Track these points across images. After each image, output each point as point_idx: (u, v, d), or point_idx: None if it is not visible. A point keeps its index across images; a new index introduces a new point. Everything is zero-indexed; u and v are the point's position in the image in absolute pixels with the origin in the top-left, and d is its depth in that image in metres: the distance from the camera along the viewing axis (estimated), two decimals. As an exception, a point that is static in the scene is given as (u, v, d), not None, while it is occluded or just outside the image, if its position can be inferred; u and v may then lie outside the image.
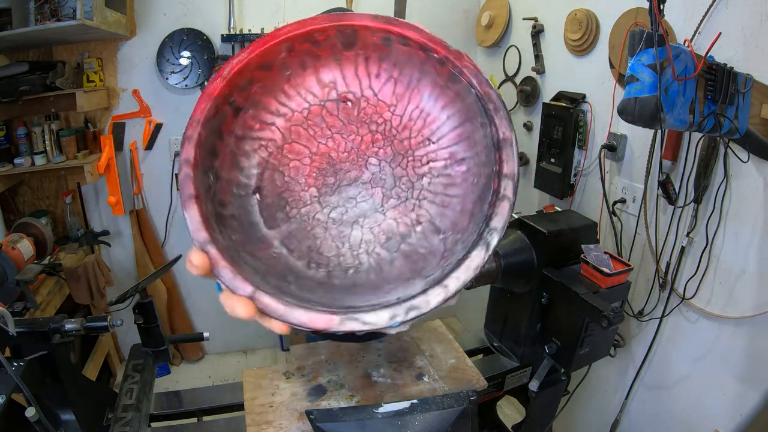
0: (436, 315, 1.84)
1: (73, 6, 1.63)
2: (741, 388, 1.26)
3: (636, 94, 0.81)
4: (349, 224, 0.48)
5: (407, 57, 0.48)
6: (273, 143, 0.49)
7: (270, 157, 0.49)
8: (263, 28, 2.18)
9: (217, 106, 0.44)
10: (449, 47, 0.45)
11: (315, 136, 0.50)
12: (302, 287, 0.43)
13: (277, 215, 0.48)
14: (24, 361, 0.78)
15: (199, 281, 2.54)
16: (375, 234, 0.48)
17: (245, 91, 0.47)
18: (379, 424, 0.80)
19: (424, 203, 0.48)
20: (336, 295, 0.43)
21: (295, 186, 0.49)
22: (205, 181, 0.43)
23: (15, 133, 1.92)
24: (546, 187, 1.92)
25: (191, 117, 0.43)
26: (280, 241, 0.47)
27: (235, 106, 0.47)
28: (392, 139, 0.50)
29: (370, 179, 0.50)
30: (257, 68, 0.46)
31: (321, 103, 0.50)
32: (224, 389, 1.10)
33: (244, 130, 0.47)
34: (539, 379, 1.15)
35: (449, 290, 0.38)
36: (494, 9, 2.27)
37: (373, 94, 0.50)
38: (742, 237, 1.23)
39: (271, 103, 0.49)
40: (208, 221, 0.41)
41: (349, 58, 0.49)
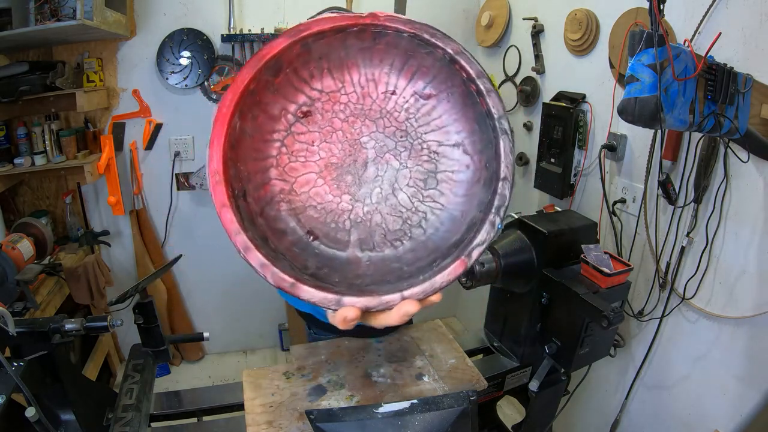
0: (437, 314, 1.84)
1: (73, 6, 1.63)
2: (741, 388, 1.26)
3: (636, 94, 0.81)
4: (391, 194, 0.52)
5: (327, 46, 0.50)
6: (283, 192, 0.51)
7: (292, 204, 0.51)
8: (263, 28, 2.18)
9: (237, 206, 0.45)
10: (361, 15, 0.48)
11: (307, 159, 0.52)
12: (406, 261, 0.50)
13: (339, 237, 0.51)
14: (24, 361, 0.78)
15: (199, 281, 2.55)
16: (415, 184, 0.52)
17: (237, 178, 0.47)
18: (379, 424, 0.80)
19: (426, 136, 0.52)
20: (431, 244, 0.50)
21: (330, 206, 0.52)
22: (283, 266, 0.44)
23: (15, 133, 1.92)
24: (546, 187, 1.92)
25: (234, 228, 0.43)
26: (360, 250, 0.51)
27: (241, 194, 0.47)
28: (364, 114, 0.53)
29: (376, 153, 0.53)
30: (230, 149, 0.46)
31: (288, 132, 0.52)
32: (224, 389, 1.10)
33: (260, 206, 0.49)
34: (539, 379, 1.15)
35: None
36: (494, 9, 2.27)
37: (319, 92, 0.53)
38: (742, 237, 1.23)
39: (256, 167, 0.50)
40: (322, 288, 0.44)
41: (282, 81, 0.50)
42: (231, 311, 2.68)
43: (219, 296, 2.61)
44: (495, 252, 1.12)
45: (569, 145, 1.76)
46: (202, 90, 2.26)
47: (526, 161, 2.19)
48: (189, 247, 2.40)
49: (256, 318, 2.73)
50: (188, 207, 2.44)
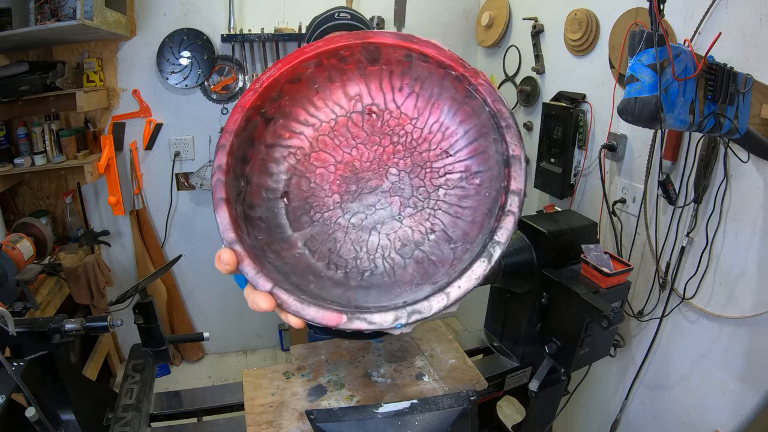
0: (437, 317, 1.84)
1: (73, 6, 1.63)
2: (741, 388, 1.26)
3: (636, 94, 0.81)
4: (368, 230, 0.51)
5: (428, 73, 0.50)
6: (301, 151, 0.52)
7: (298, 164, 0.52)
8: (263, 28, 2.18)
9: (248, 117, 0.48)
10: (466, 65, 0.48)
11: (340, 145, 0.53)
12: (321, 286, 0.46)
13: (302, 218, 0.51)
14: (24, 361, 0.78)
15: (199, 281, 2.55)
16: (391, 240, 0.50)
17: (276, 102, 0.50)
18: (379, 424, 0.80)
19: (439, 213, 0.50)
20: (351, 295, 0.46)
21: (319, 192, 0.52)
22: (236, 186, 0.46)
23: (15, 133, 1.92)
24: (546, 187, 1.92)
25: (225, 127, 0.47)
26: (303, 243, 0.50)
27: (267, 117, 0.50)
28: (412, 151, 0.52)
29: (390, 188, 0.52)
30: (287, 82, 0.50)
31: (347, 114, 0.53)
32: (224, 389, 1.10)
33: (274, 139, 0.51)
34: (539, 379, 1.15)
35: (450, 298, 0.40)
36: (494, 9, 2.27)
37: (396, 107, 0.53)
38: (742, 237, 1.23)
39: (300, 114, 0.52)
40: (237, 222, 0.44)
41: (374, 72, 0.52)
42: (231, 311, 2.68)
43: (219, 296, 2.61)
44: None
45: (569, 145, 1.76)
46: (202, 90, 2.26)
47: (526, 161, 2.19)
48: (189, 247, 2.40)
49: (256, 318, 2.72)
50: (188, 207, 2.44)
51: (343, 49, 0.50)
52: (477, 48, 2.53)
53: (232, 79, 2.26)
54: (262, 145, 0.50)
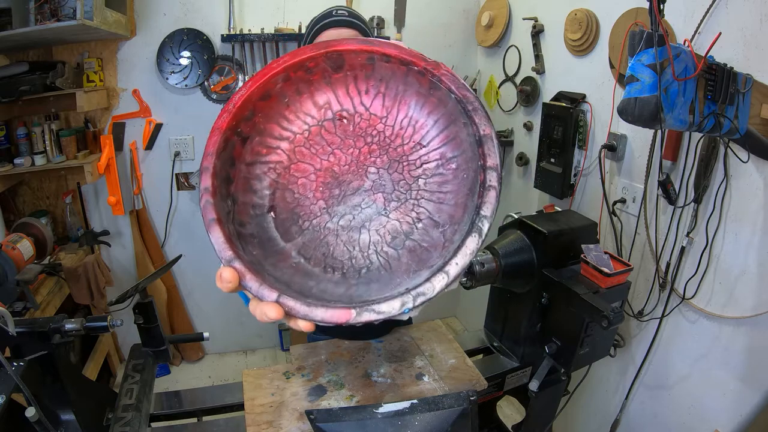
0: (437, 314, 1.85)
1: (73, 6, 1.63)
2: (741, 388, 1.26)
3: (636, 94, 0.81)
4: (357, 229, 0.53)
5: (391, 72, 0.52)
6: (280, 165, 0.54)
7: (279, 178, 0.54)
8: (263, 28, 2.18)
9: (226, 138, 0.49)
10: (426, 59, 0.49)
11: (317, 153, 0.55)
12: (323, 290, 0.48)
13: (292, 229, 0.53)
14: (24, 361, 0.78)
15: (199, 281, 2.55)
16: (381, 235, 0.52)
17: (250, 121, 0.52)
18: (379, 424, 0.80)
19: (423, 201, 0.52)
20: (353, 293, 0.47)
21: (304, 201, 0.54)
22: (224, 207, 0.48)
23: (15, 133, 1.92)
24: (546, 187, 1.92)
25: (205, 150, 0.48)
26: (297, 252, 0.51)
27: (243, 136, 0.52)
28: (387, 148, 0.54)
29: (372, 186, 0.54)
30: (258, 99, 0.51)
31: (319, 123, 0.55)
32: (224, 389, 1.10)
33: (253, 156, 0.53)
34: (539, 379, 1.15)
35: (450, 275, 0.42)
36: (494, 9, 2.27)
37: (365, 109, 0.55)
38: (742, 237, 1.23)
39: (275, 129, 0.54)
40: (231, 240, 0.46)
41: (339, 79, 0.54)
42: (231, 311, 2.68)
43: (219, 296, 2.61)
44: (495, 252, 1.12)
45: (569, 145, 1.76)
46: (202, 90, 2.26)
47: (526, 161, 2.19)
48: (189, 247, 2.40)
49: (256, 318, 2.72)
50: (188, 207, 2.44)
51: (308, 61, 0.52)
52: (477, 48, 2.53)
53: (232, 79, 2.26)
54: (242, 164, 0.51)
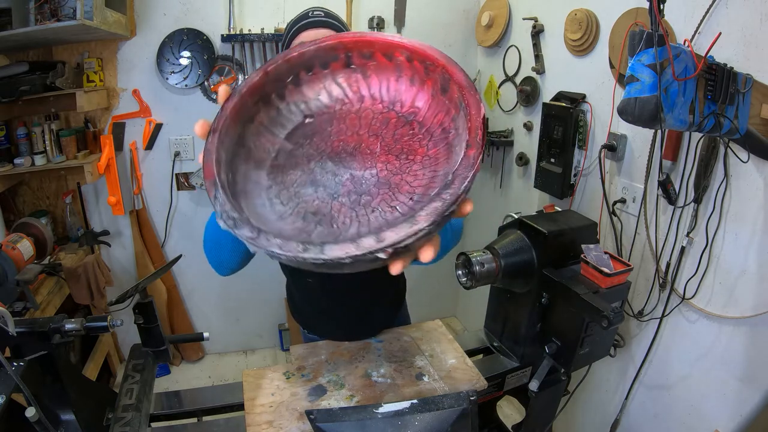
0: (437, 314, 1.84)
1: (73, 6, 1.63)
2: (741, 388, 1.26)
3: (636, 94, 0.81)
4: (314, 183, 0.55)
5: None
6: (349, 106, 0.60)
7: (337, 112, 0.59)
8: (263, 28, 2.18)
9: (335, 47, 0.56)
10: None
11: (371, 127, 0.59)
12: (247, 176, 0.55)
13: (298, 138, 0.59)
14: (24, 361, 0.78)
15: (199, 281, 2.55)
16: (312, 203, 0.54)
17: (365, 59, 0.58)
18: (379, 424, 0.80)
19: (354, 222, 0.52)
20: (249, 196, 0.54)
21: (326, 137, 0.58)
22: (285, 75, 0.56)
23: (15, 133, 1.92)
24: (546, 187, 1.92)
25: (305, 43, 0.56)
26: (280, 147, 0.58)
27: (350, 61, 0.58)
28: (399, 174, 0.55)
29: (356, 177, 0.56)
30: (381, 52, 0.57)
31: (399, 114, 0.59)
32: (224, 389, 1.10)
33: (345, 81, 0.59)
34: (539, 379, 1.15)
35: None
36: (494, 9, 2.27)
37: (429, 139, 0.56)
38: (742, 237, 1.23)
39: (374, 84, 0.59)
40: (256, 91, 0.54)
41: (441, 102, 0.56)
42: (231, 311, 2.68)
43: (219, 296, 2.62)
44: (495, 252, 1.12)
45: (569, 145, 1.76)
46: (202, 90, 2.26)
47: (526, 161, 2.19)
48: (189, 247, 2.40)
49: (256, 318, 2.73)
50: (188, 207, 2.44)
51: (430, 62, 0.54)
52: (477, 48, 2.53)
53: (232, 79, 2.26)
54: (330, 76, 0.58)
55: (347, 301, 1.17)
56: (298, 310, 1.32)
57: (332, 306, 1.19)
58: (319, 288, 1.17)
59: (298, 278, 1.21)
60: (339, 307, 1.18)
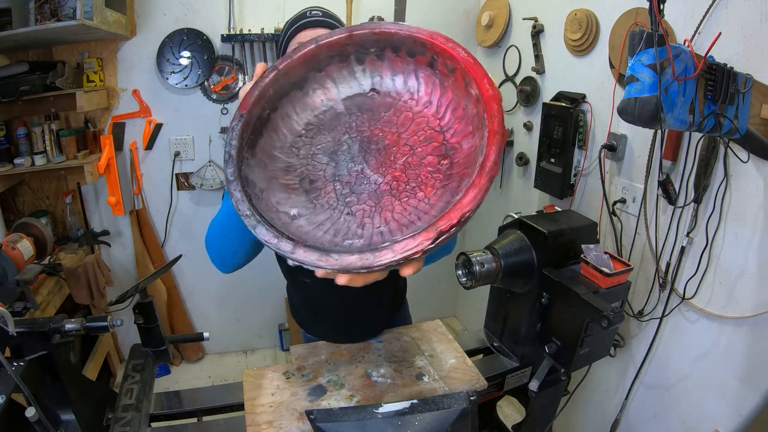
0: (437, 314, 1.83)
1: (73, 6, 1.63)
2: (741, 388, 1.26)
3: (636, 94, 0.81)
4: (351, 193, 0.57)
5: (454, 86, 0.58)
6: (368, 99, 0.62)
7: (353, 107, 0.62)
8: (263, 28, 2.18)
9: (343, 49, 0.58)
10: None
11: (390, 126, 0.61)
12: (272, 183, 0.56)
13: (317, 134, 0.61)
14: (24, 361, 0.78)
15: (199, 281, 2.55)
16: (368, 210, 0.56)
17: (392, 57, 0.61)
18: (379, 424, 0.80)
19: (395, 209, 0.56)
20: (286, 207, 0.56)
21: (341, 131, 0.61)
22: (285, 85, 0.57)
23: (15, 133, 1.92)
24: (546, 187, 1.92)
25: (347, 29, 0.57)
26: (292, 142, 0.60)
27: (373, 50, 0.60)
28: (415, 166, 0.58)
29: (371, 174, 0.58)
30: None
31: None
32: (224, 389, 1.10)
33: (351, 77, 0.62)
34: (539, 379, 1.15)
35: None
36: (494, 9, 2.27)
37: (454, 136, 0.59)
38: (742, 237, 1.23)
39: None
40: (259, 101, 0.56)
41: (452, 86, 0.58)
42: (231, 311, 2.68)
43: (219, 296, 2.61)
44: (495, 252, 1.12)
45: (569, 145, 1.76)
46: (202, 90, 2.26)
47: (526, 161, 2.19)
48: (189, 247, 2.40)
49: (256, 318, 2.73)
50: (188, 207, 2.44)
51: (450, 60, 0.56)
52: (477, 48, 2.53)
53: (232, 79, 2.26)
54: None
55: (346, 302, 1.17)
56: (297, 311, 1.32)
57: (331, 307, 1.19)
58: (317, 289, 1.17)
59: (297, 279, 1.21)
60: (338, 307, 1.18)
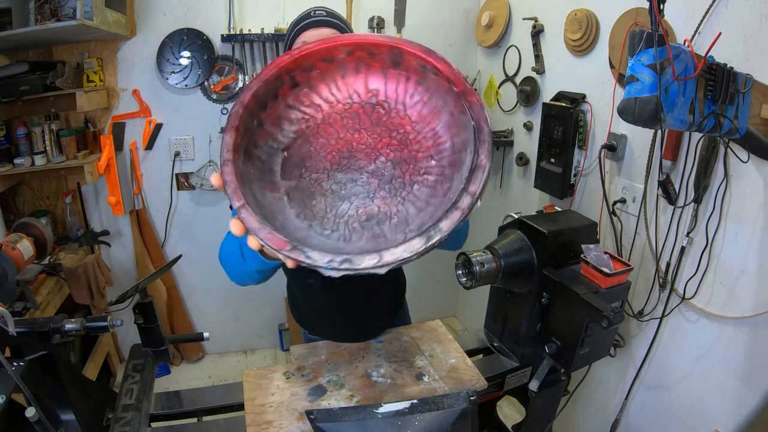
0: (437, 314, 1.84)
1: (73, 6, 1.63)
2: (741, 388, 1.26)
3: (636, 94, 0.81)
4: (343, 198, 0.58)
5: (436, 85, 0.57)
6: (313, 120, 0.61)
7: (307, 129, 0.60)
8: (263, 28, 2.18)
9: (279, 74, 0.56)
10: (466, 83, 0.55)
11: (346, 126, 0.61)
12: (284, 225, 0.54)
13: (293, 172, 0.59)
14: (24, 361, 0.78)
15: (199, 281, 2.55)
16: (359, 213, 0.57)
17: (306, 73, 0.59)
18: (379, 424, 0.80)
19: (407, 203, 0.57)
20: (305, 237, 0.53)
21: (316, 156, 0.61)
22: (249, 123, 0.55)
23: (15, 133, 1.92)
24: (546, 187, 1.92)
25: (257, 75, 0.56)
26: (285, 191, 0.58)
27: (294, 81, 0.58)
28: (403, 148, 0.60)
29: (373, 171, 0.59)
30: (320, 59, 0.58)
31: (362, 103, 0.61)
32: (224, 389, 1.10)
33: (295, 102, 0.60)
34: (539, 379, 1.15)
35: (383, 259, 0.46)
36: (494, 9, 2.27)
37: (404, 109, 0.60)
38: (742, 237, 1.23)
39: (323, 90, 0.60)
40: (237, 150, 0.53)
41: (394, 75, 0.60)
42: (231, 311, 2.68)
43: (219, 296, 2.61)
44: (495, 252, 1.12)
45: (569, 145, 1.76)
46: (202, 90, 2.26)
47: (526, 161, 2.19)
48: (189, 247, 2.40)
49: (256, 318, 2.73)
50: (188, 207, 2.44)
51: (375, 47, 0.58)
52: (477, 48, 2.53)
53: (232, 79, 2.26)
54: (283, 102, 0.58)
55: (347, 301, 1.17)
56: (298, 310, 1.32)
57: (333, 306, 1.19)
58: (320, 288, 1.17)
59: (300, 278, 1.21)
60: (339, 306, 1.18)
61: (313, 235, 0.54)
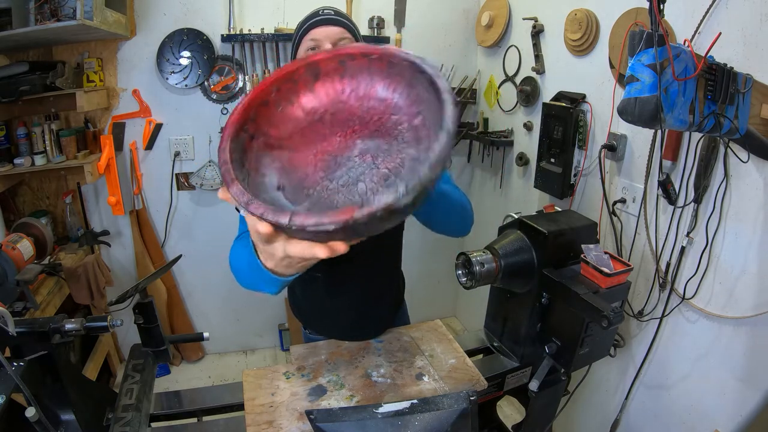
0: (437, 314, 1.83)
1: (73, 6, 1.63)
2: (741, 388, 1.26)
3: (636, 94, 0.81)
4: (354, 183, 0.61)
5: (358, 66, 0.62)
6: (283, 156, 0.63)
7: (284, 164, 0.63)
8: (263, 28, 2.18)
9: (237, 131, 0.58)
10: (377, 47, 0.59)
11: (312, 141, 0.65)
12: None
13: (300, 196, 0.61)
14: (24, 361, 0.78)
15: (199, 281, 2.55)
16: (375, 182, 0.60)
17: (254, 122, 0.61)
18: (379, 424, 0.80)
19: (404, 148, 0.60)
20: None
21: (307, 176, 0.63)
22: (240, 175, 0.56)
23: (15, 133, 1.92)
24: (546, 187, 1.92)
25: (222, 137, 0.57)
26: (307, 208, 0.60)
27: (249, 134, 0.61)
28: (367, 124, 0.63)
29: (360, 152, 0.63)
30: (259, 105, 0.61)
31: (308, 122, 0.65)
32: (224, 389, 1.10)
33: (260, 151, 0.62)
34: (539, 379, 1.15)
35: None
36: (494, 9, 2.27)
37: (344, 104, 0.64)
38: (742, 237, 1.23)
39: (272, 131, 0.63)
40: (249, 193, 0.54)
41: (320, 85, 0.64)
42: (231, 311, 2.68)
43: (219, 296, 2.62)
44: (495, 252, 1.12)
45: (569, 145, 1.76)
46: (202, 90, 2.26)
47: (526, 161, 2.19)
48: (189, 247, 2.41)
49: (256, 318, 2.73)
50: (188, 207, 2.44)
51: (293, 73, 0.62)
52: (477, 48, 2.53)
53: (232, 79, 2.26)
54: (252, 154, 0.61)
55: (348, 298, 1.18)
56: (299, 308, 1.32)
57: (333, 303, 1.20)
58: (321, 284, 1.17)
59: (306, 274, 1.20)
60: (340, 304, 1.19)
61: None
